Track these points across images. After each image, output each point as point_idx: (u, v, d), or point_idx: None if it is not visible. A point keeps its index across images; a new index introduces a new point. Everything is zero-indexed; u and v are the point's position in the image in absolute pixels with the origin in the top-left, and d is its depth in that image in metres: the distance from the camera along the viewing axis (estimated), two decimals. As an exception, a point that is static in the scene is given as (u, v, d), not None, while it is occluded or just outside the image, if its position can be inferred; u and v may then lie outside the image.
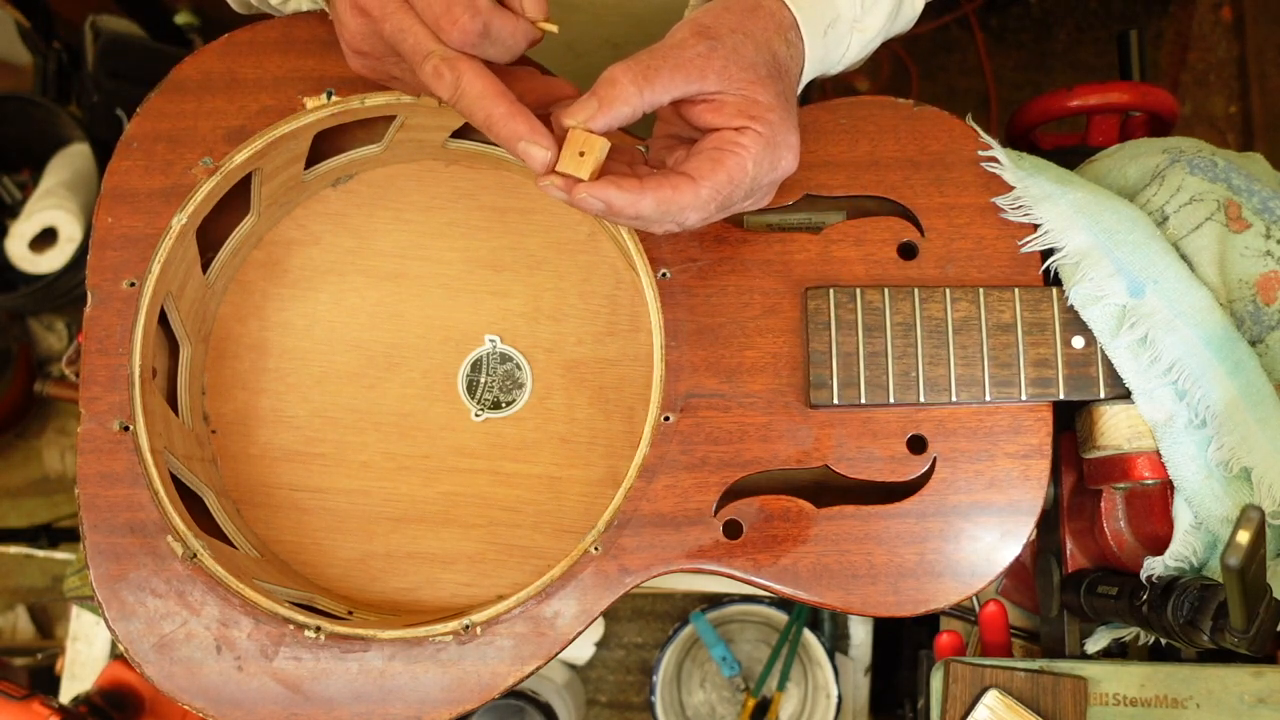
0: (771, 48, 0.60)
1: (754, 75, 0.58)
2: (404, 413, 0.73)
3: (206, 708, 0.63)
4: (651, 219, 0.58)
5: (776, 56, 0.60)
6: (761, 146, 0.58)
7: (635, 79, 0.56)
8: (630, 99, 0.56)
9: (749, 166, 0.58)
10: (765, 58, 0.60)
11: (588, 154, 0.56)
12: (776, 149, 0.59)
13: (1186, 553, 0.63)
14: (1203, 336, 0.63)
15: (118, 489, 0.65)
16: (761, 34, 0.60)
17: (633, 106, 0.56)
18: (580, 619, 0.64)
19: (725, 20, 0.60)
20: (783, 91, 0.60)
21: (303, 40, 0.69)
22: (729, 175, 0.58)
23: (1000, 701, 0.63)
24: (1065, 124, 0.92)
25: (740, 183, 0.58)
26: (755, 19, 0.60)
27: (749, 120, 0.58)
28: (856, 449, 0.66)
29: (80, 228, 1.41)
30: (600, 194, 0.57)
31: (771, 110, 0.58)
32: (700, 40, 0.58)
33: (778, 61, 0.60)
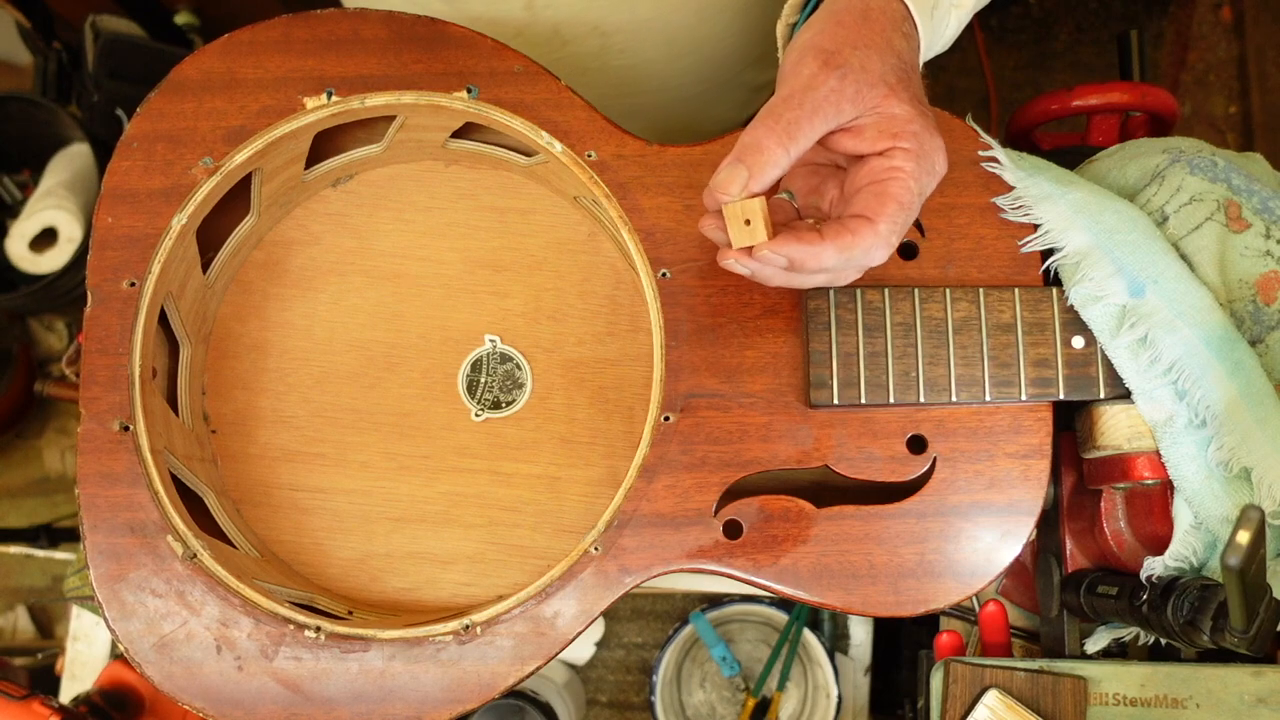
0: (894, 49, 0.58)
1: (885, 89, 0.57)
2: (404, 413, 0.73)
3: (206, 708, 0.63)
4: (837, 268, 0.58)
5: (901, 56, 0.59)
6: (915, 163, 0.57)
7: (780, 139, 0.55)
8: (779, 160, 0.56)
9: (912, 186, 0.57)
10: (891, 63, 0.58)
11: (753, 220, 0.56)
12: (928, 157, 0.58)
13: (1186, 553, 0.63)
14: (1203, 336, 0.63)
15: (118, 489, 0.65)
16: (881, 38, 0.58)
17: (781, 166, 0.56)
18: (580, 619, 0.64)
19: (844, 37, 0.58)
20: (914, 93, 0.58)
21: (303, 40, 0.69)
22: (899, 203, 0.57)
23: (1000, 701, 0.63)
24: (1065, 124, 0.92)
25: (910, 205, 0.57)
26: (871, 24, 0.59)
27: (893, 140, 0.57)
28: (856, 449, 0.66)
29: (80, 228, 1.40)
30: (783, 250, 0.57)
31: (911, 121, 0.57)
32: (830, 73, 0.56)
33: (902, 61, 0.59)
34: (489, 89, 0.69)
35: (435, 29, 0.69)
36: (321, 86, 0.69)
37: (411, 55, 0.69)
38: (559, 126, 0.68)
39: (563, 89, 0.69)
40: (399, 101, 0.69)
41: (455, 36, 0.69)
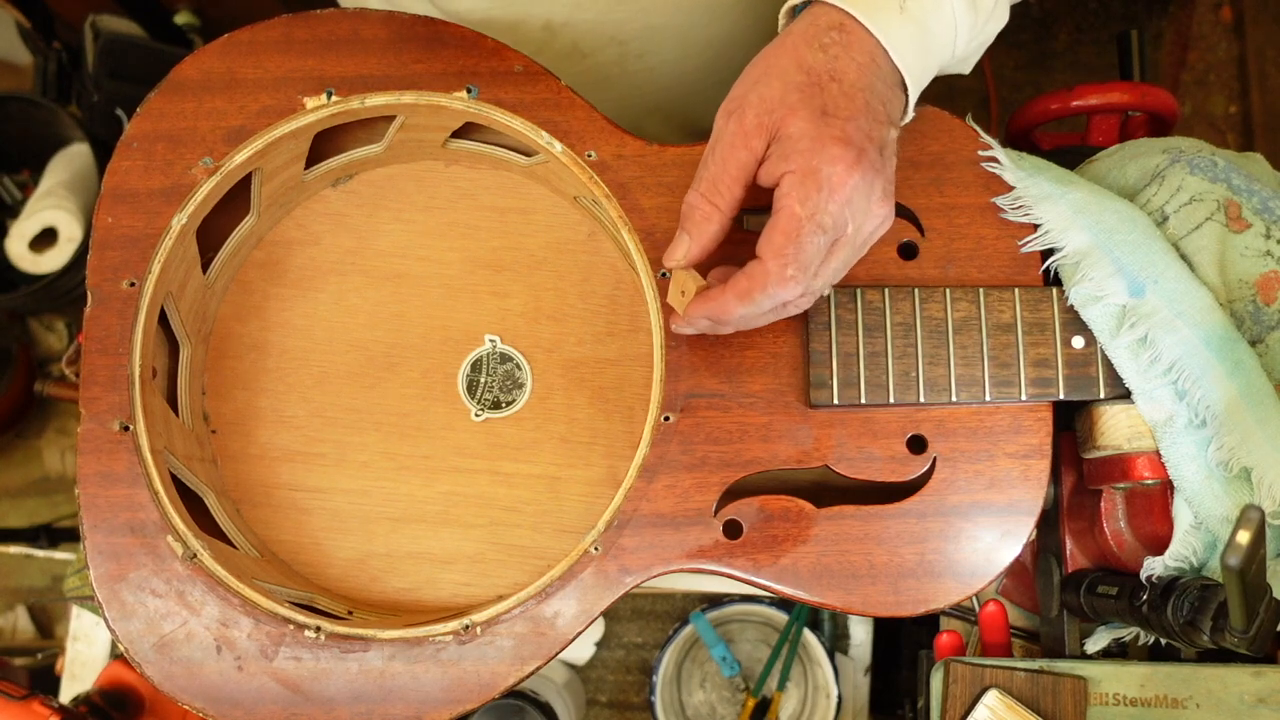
0: (803, 64, 0.56)
1: (784, 111, 0.56)
2: (404, 413, 0.73)
3: (206, 708, 0.63)
4: (751, 313, 0.58)
5: (811, 70, 0.56)
6: (799, 186, 0.55)
7: (705, 197, 0.58)
8: (711, 216, 0.58)
9: (799, 212, 0.55)
10: (795, 81, 0.56)
11: (686, 291, 0.61)
12: (814, 175, 0.55)
13: (1186, 553, 0.63)
14: (1203, 336, 0.63)
15: (118, 489, 0.65)
16: (789, 57, 0.57)
17: (715, 222, 0.58)
18: (580, 619, 0.64)
19: (748, 75, 0.58)
20: (818, 106, 0.55)
21: (302, 40, 0.69)
22: (785, 234, 0.55)
23: (1000, 701, 0.63)
24: (1065, 124, 0.92)
25: (803, 233, 0.55)
26: (780, 47, 0.58)
27: (783, 163, 0.56)
28: (856, 449, 0.66)
29: (80, 228, 1.41)
30: (696, 313, 0.60)
31: (801, 139, 0.55)
32: (729, 119, 0.58)
33: (811, 75, 0.56)
34: (489, 89, 0.69)
35: (435, 29, 0.69)
36: (321, 86, 0.69)
37: (411, 55, 0.69)
38: (559, 126, 0.68)
39: (563, 89, 0.69)
40: (399, 101, 0.69)
41: (455, 36, 0.69)
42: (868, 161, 0.55)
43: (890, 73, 0.58)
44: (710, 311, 0.59)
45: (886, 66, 0.57)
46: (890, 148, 0.57)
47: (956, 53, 0.62)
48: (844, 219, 0.56)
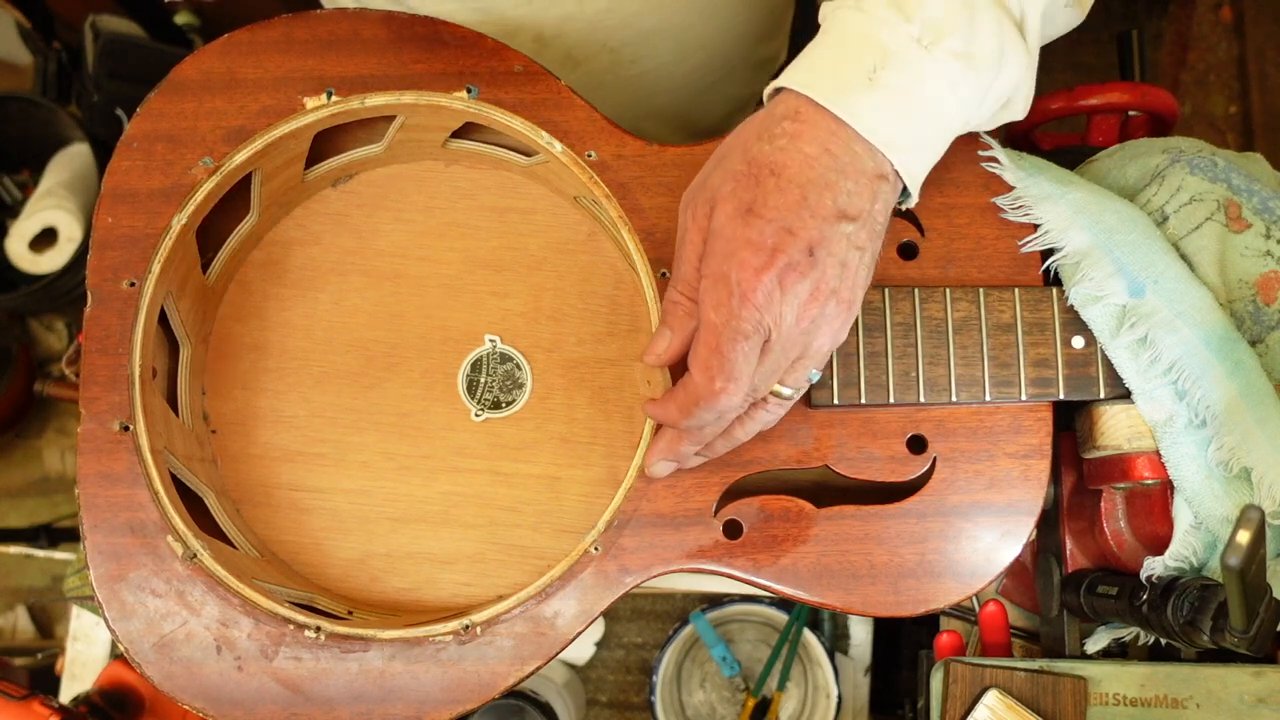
0: (747, 154, 0.55)
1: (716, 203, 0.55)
2: (404, 413, 0.73)
3: (206, 708, 0.63)
4: (699, 425, 0.58)
5: (752, 162, 0.54)
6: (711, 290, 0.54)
7: (684, 293, 0.58)
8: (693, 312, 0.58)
9: (713, 319, 0.54)
10: (734, 171, 0.55)
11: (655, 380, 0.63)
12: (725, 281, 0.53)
13: (1186, 553, 0.63)
14: (1203, 336, 0.63)
15: (118, 489, 0.65)
16: (736, 149, 0.56)
17: (689, 312, 0.58)
18: (580, 619, 0.64)
19: (708, 163, 0.58)
20: (746, 203, 0.53)
21: (302, 40, 0.69)
22: (706, 346, 0.55)
23: (1000, 701, 0.63)
24: (1065, 124, 0.92)
25: (721, 343, 0.54)
26: (736, 136, 0.57)
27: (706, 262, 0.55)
28: (856, 449, 0.66)
29: (80, 228, 1.41)
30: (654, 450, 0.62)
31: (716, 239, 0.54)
32: (683, 210, 0.58)
33: (751, 167, 0.54)
34: (489, 89, 0.69)
35: (435, 29, 0.69)
36: (321, 86, 0.69)
37: (411, 55, 0.69)
38: (559, 126, 0.68)
39: (563, 89, 0.69)
40: (399, 101, 0.69)
41: (455, 36, 0.69)
42: (783, 264, 0.53)
43: (860, 158, 0.54)
44: (662, 419, 0.60)
45: (850, 152, 0.54)
46: (831, 245, 0.54)
47: (973, 112, 0.58)
48: (763, 323, 0.54)
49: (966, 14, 0.54)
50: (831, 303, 0.55)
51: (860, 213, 0.54)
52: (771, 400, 0.58)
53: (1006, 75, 0.57)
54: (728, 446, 0.61)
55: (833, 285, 0.54)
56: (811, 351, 0.57)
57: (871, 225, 0.55)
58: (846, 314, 0.56)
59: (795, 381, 0.58)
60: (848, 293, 0.55)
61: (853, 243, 0.54)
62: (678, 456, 0.61)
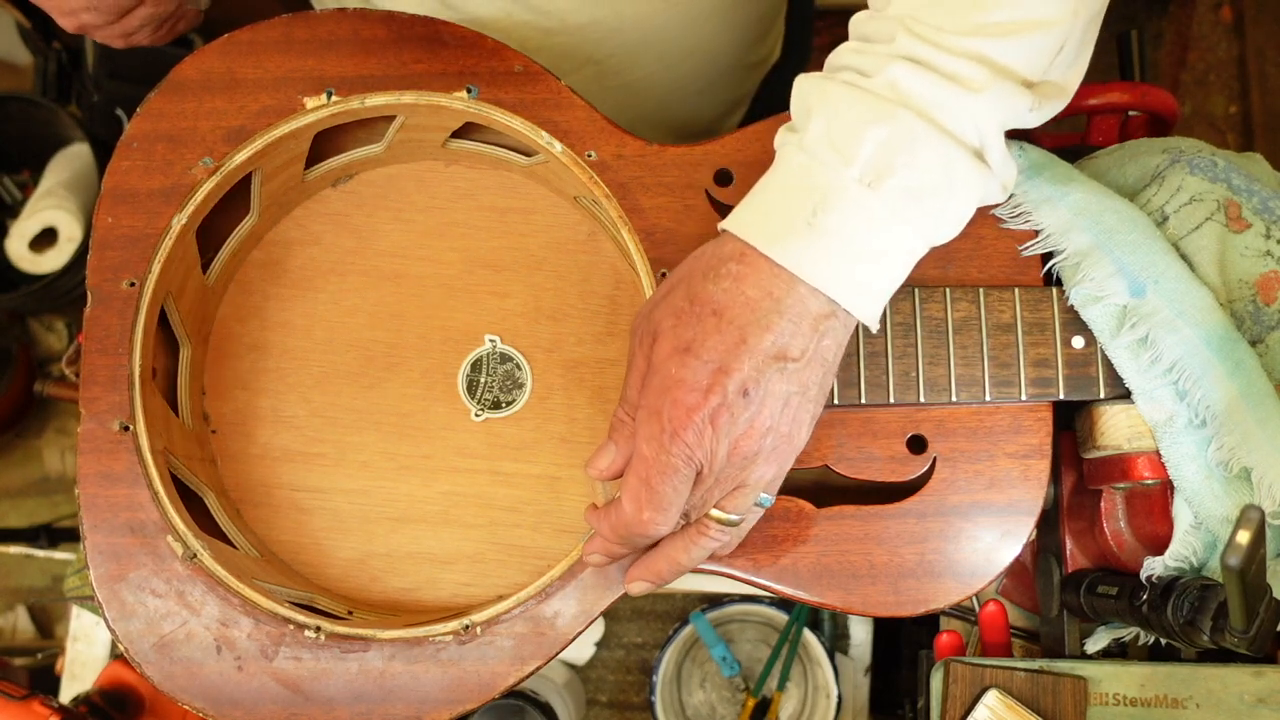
0: (691, 292, 0.55)
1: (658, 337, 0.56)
2: (404, 413, 0.73)
3: (206, 708, 0.63)
4: (630, 545, 0.59)
5: (695, 299, 0.55)
6: (644, 424, 0.55)
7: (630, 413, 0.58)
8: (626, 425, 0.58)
9: (645, 451, 0.55)
10: (677, 308, 0.55)
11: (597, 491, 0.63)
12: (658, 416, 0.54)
13: (1186, 553, 0.63)
14: (1203, 336, 0.63)
15: (118, 489, 0.65)
16: (683, 284, 0.56)
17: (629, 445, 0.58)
18: (580, 619, 0.64)
19: (658, 292, 0.59)
20: (685, 341, 0.54)
21: (302, 40, 0.69)
22: (637, 476, 0.55)
23: (1000, 701, 0.63)
24: (1065, 124, 0.92)
25: (651, 476, 0.55)
26: (685, 269, 0.57)
27: (643, 395, 0.56)
28: (856, 449, 0.66)
29: (80, 228, 1.41)
30: (590, 544, 0.61)
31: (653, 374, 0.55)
32: (631, 336, 0.59)
33: (695, 305, 0.55)
34: (489, 89, 0.69)
35: (435, 29, 0.69)
36: (321, 86, 0.69)
37: (411, 55, 0.69)
38: (559, 126, 0.68)
39: (563, 89, 0.69)
40: (399, 101, 0.69)
41: (455, 36, 0.69)
42: (715, 404, 0.53)
43: (804, 299, 0.54)
44: (597, 538, 0.60)
45: (793, 294, 0.54)
46: (769, 385, 0.54)
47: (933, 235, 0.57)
48: (693, 458, 0.54)
49: (908, 150, 0.53)
50: (769, 438, 0.55)
51: (803, 353, 0.55)
52: (712, 526, 0.58)
53: (961, 199, 0.56)
54: (675, 572, 0.60)
55: (769, 423, 0.55)
56: (751, 482, 0.57)
57: (819, 361, 0.56)
58: (787, 447, 0.57)
59: (737, 508, 0.58)
60: (787, 428, 0.56)
61: (794, 380, 0.55)
62: (611, 555, 0.61)
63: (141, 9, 0.65)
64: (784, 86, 0.65)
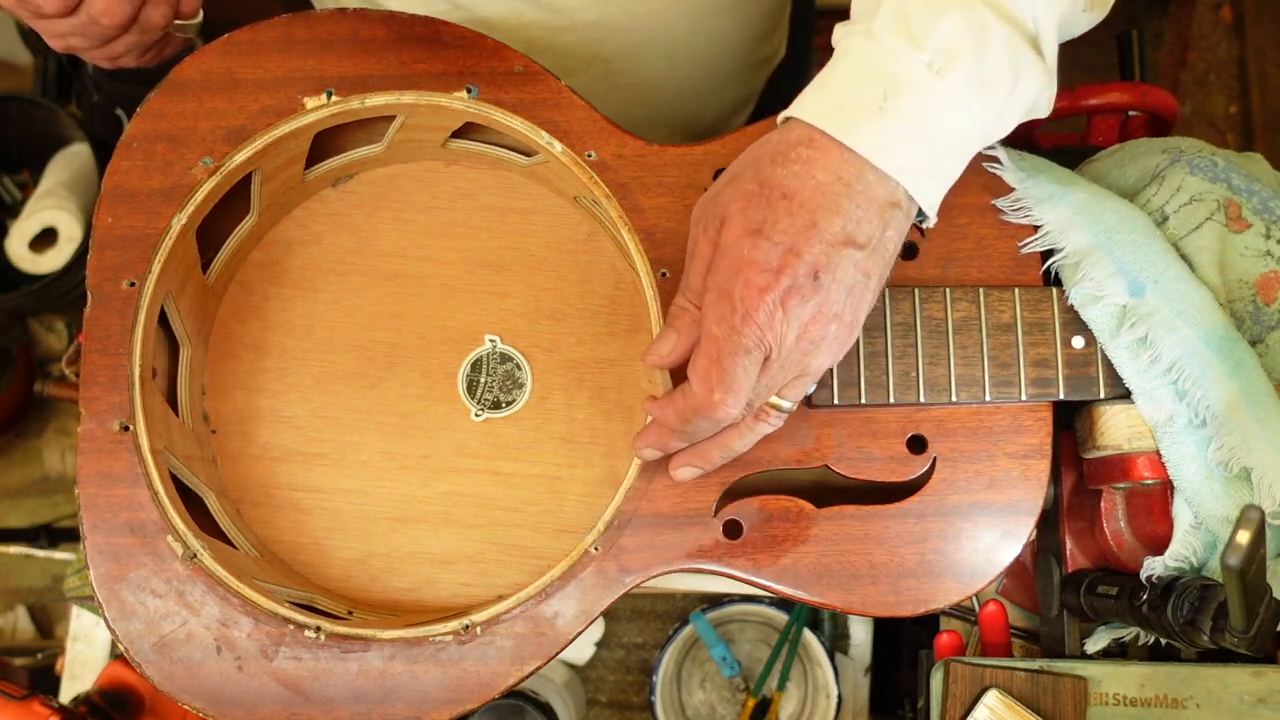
0: (760, 175, 0.55)
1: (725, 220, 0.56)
2: (404, 412, 0.73)
3: (206, 708, 0.63)
4: (695, 432, 0.59)
5: (765, 183, 0.55)
6: (714, 305, 0.55)
7: (692, 300, 0.58)
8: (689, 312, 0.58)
9: (715, 332, 0.54)
10: (746, 191, 0.55)
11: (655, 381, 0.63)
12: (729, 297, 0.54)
13: (1186, 553, 0.63)
14: (1203, 336, 0.63)
15: (118, 489, 0.65)
16: (750, 169, 0.56)
17: (694, 318, 0.58)
18: (580, 619, 0.64)
19: (721, 179, 0.58)
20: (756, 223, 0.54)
21: (302, 40, 0.69)
22: (707, 358, 0.55)
23: (1000, 701, 0.63)
24: (1065, 124, 0.92)
25: (723, 356, 0.54)
26: (750, 155, 0.57)
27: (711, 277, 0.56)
28: (856, 449, 0.66)
29: (80, 228, 1.40)
30: (644, 436, 0.62)
31: (722, 256, 0.55)
32: (694, 225, 0.59)
33: (764, 189, 0.55)
34: (489, 89, 0.69)
35: (435, 29, 0.69)
36: (321, 86, 0.69)
37: (411, 55, 0.69)
38: (559, 126, 0.68)
39: (563, 89, 0.69)
40: (399, 101, 0.69)
41: (455, 36, 0.69)
42: (786, 286, 0.53)
43: (872, 186, 0.55)
44: (657, 417, 0.60)
45: (862, 180, 0.54)
46: (837, 270, 0.54)
47: (991, 130, 0.58)
48: (764, 341, 0.54)
49: (978, 38, 0.54)
50: (834, 326, 0.56)
51: (869, 240, 0.55)
52: (771, 413, 0.59)
53: (1022, 91, 0.57)
54: (725, 457, 0.61)
55: (836, 310, 0.55)
56: (811, 370, 0.57)
57: (881, 252, 0.56)
58: (848, 336, 0.57)
59: (793, 395, 0.59)
60: (850, 316, 0.56)
61: (860, 269, 0.55)
62: (664, 447, 0.62)
63: (126, 36, 0.66)
64: (789, 85, 0.65)
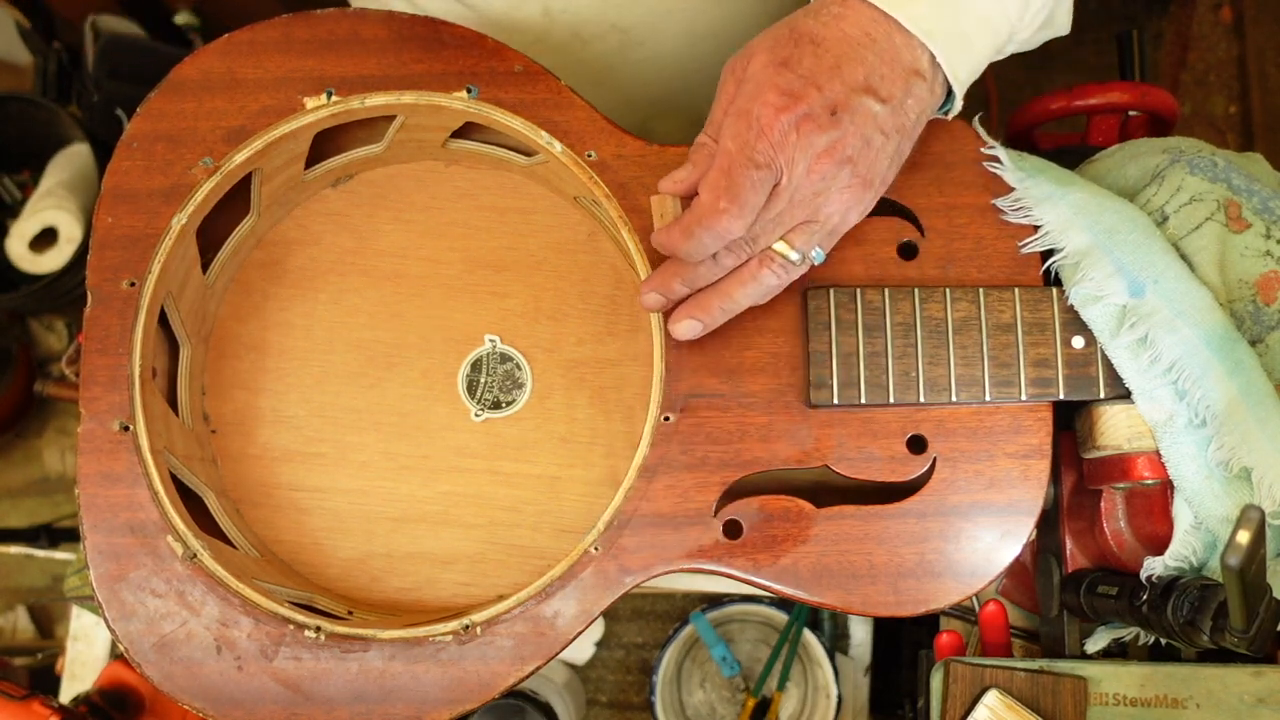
0: (793, 24, 0.58)
1: (752, 56, 0.58)
2: (404, 412, 0.73)
3: (206, 708, 0.63)
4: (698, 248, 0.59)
5: (796, 29, 0.58)
6: (732, 123, 0.56)
7: (712, 135, 0.59)
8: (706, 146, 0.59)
9: (730, 146, 0.56)
10: (777, 35, 0.58)
11: (666, 216, 0.62)
12: (747, 115, 0.56)
13: (1186, 553, 0.63)
14: (1203, 336, 0.63)
15: (118, 489, 0.65)
16: (785, 21, 0.59)
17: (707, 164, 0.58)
18: (580, 619, 0.64)
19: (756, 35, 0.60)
20: (782, 57, 0.56)
21: (303, 40, 0.69)
22: (718, 169, 0.57)
23: (1000, 701, 0.63)
24: (1065, 124, 0.92)
25: (733, 167, 0.56)
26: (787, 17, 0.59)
27: (733, 103, 0.58)
28: (856, 449, 0.66)
29: (80, 228, 1.40)
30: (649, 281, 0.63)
31: (747, 83, 0.57)
32: (728, 69, 0.60)
33: (795, 34, 0.57)
34: (489, 89, 0.69)
35: (435, 29, 0.69)
36: (321, 86, 0.69)
37: (411, 55, 0.69)
38: (559, 126, 0.68)
39: (563, 89, 0.69)
40: (399, 101, 0.69)
41: (455, 36, 0.69)
42: (803, 112, 0.55)
43: (898, 48, 0.57)
44: (660, 279, 0.61)
45: (890, 41, 0.57)
46: (855, 114, 0.56)
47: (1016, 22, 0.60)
48: (775, 161, 0.56)
49: None
50: (846, 170, 0.57)
51: (890, 97, 0.57)
52: (776, 260, 0.60)
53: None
54: (725, 309, 0.62)
55: (849, 153, 0.57)
56: (821, 218, 0.59)
57: (902, 116, 0.58)
58: (860, 192, 0.58)
59: (800, 243, 0.60)
60: (864, 170, 0.58)
61: (878, 123, 0.57)
62: (667, 290, 0.62)
63: None
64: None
